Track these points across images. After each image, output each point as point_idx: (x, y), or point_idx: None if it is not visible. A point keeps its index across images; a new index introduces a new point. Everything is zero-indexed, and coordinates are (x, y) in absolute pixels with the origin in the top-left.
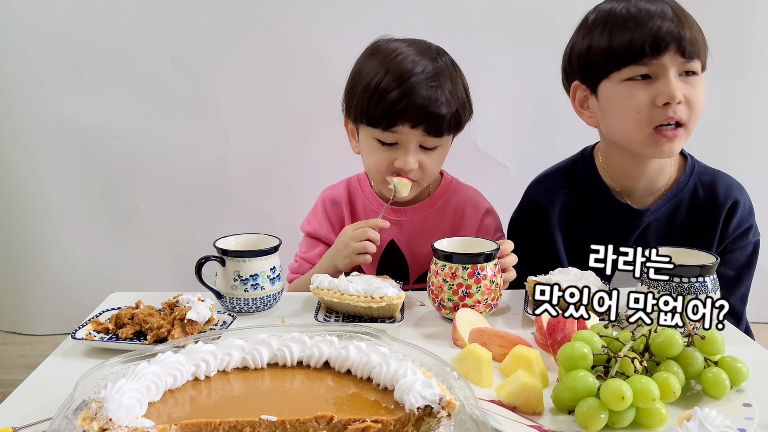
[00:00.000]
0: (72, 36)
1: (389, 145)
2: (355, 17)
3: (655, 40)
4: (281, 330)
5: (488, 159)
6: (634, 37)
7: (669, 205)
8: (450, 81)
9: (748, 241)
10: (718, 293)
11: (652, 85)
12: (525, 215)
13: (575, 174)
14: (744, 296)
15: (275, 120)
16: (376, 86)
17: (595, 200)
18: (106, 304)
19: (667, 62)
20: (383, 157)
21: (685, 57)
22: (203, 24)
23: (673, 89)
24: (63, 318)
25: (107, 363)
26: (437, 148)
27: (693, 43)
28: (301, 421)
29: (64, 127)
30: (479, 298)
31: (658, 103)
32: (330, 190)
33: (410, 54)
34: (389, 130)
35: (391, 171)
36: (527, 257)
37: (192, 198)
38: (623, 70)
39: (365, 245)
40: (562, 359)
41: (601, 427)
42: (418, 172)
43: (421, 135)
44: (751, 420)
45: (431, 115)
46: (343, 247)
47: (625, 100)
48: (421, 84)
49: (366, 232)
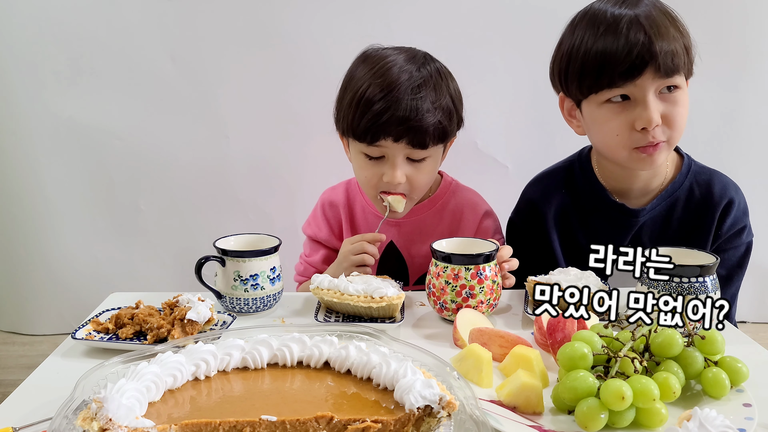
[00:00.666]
0: (72, 36)
1: (376, 159)
2: (356, 18)
3: (630, 67)
4: (281, 330)
5: (488, 159)
6: (607, 58)
7: (664, 204)
8: (434, 91)
9: (741, 241)
10: (718, 293)
11: (630, 108)
12: (522, 216)
13: (572, 175)
14: (734, 296)
15: (275, 120)
16: (361, 97)
17: (591, 200)
18: (106, 304)
19: (644, 83)
20: (372, 173)
21: (664, 74)
22: (203, 24)
23: (650, 114)
24: (63, 318)
25: (107, 363)
26: (425, 160)
27: (672, 56)
28: (301, 421)
29: (64, 127)
30: (482, 299)
31: (637, 128)
32: (329, 193)
33: (399, 61)
34: (374, 144)
35: (381, 187)
36: (525, 258)
37: (192, 198)
38: (600, 93)
39: (363, 258)
40: (562, 359)
41: (601, 427)
42: (407, 185)
43: (405, 148)
44: (751, 420)
45: (414, 128)
46: (344, 260)
47: (604, 123)
48: (404, 96)
49: (363, 246)
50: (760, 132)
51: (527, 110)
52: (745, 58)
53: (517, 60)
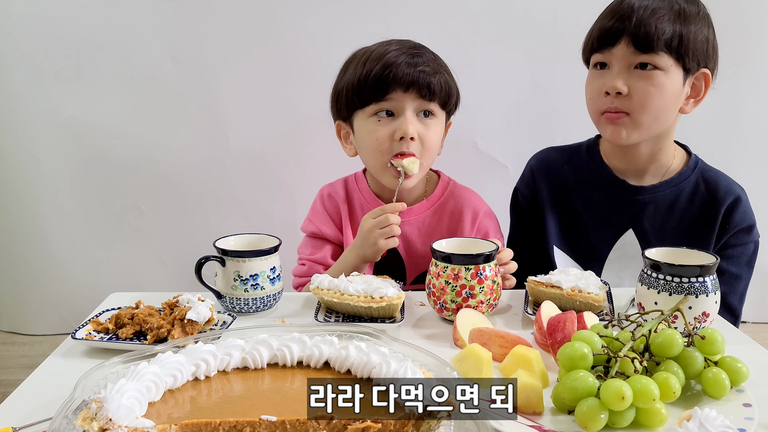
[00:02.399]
0: (72, 36)
1: (386, 118)
2: (355, 17)
3: (607, 34)
4: (281, 330)
5: (488, 159)
6: (598, 30)
7: (669, 193)
8: (431, 53)
9: (750, 239)
10: (718, 293)
11: (606, 75)
12: (525, 184)
13: (578, 155)
14: (742, 295)
15: (275, 120)
16: (360, 74)
17: (593, 176)
18: (106, 304)
19: (618, 53)
20: (384, 133)
21: (637, 49)
22: (203, 24)
23: (614, 82)
24: (63, 318)
25: (107, 363)
26: (433, 119)
27: (653, 35)
28: (301, 421)
29: (65, 127)
30: (482, 299)
31: (601, 92)
32: (327, 187)
33: (387, 45)
34: (384, 99)
35: (394, 149)
36: (526, 229)
37: (192, 198)
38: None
39: (392, 228)
40: (562, 359)
41: (601, 427)
42: (419, 144)
43: (415, 99)
44: (751, 420)
45: (420, 76)
46: (369, 235)
47: (587, 86)
48: (402, 54)
49: (388, 218)
50: (760, 132)
51: (527, 110)
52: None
53: (517, 60)
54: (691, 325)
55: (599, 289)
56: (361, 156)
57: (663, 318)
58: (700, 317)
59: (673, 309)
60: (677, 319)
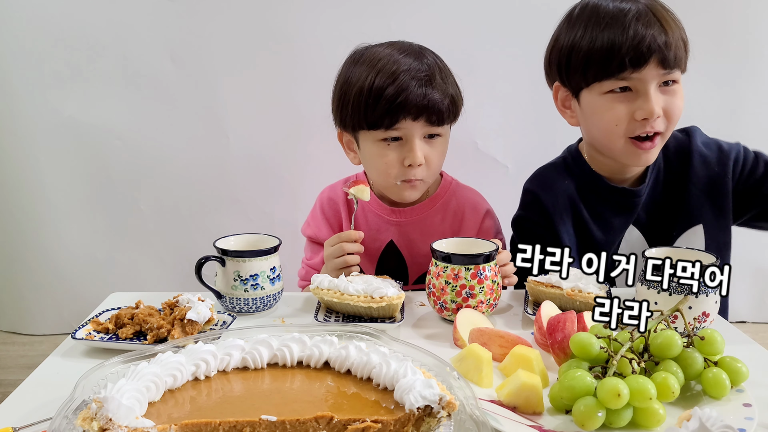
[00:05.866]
0: (72, 36)
1: (394, 142)
2: (355, 18)
3: (636, 54)
4: (281, 330)
5: (488, 159)
6: (615, 47)
7: (653, 176)
8: (439, 72)
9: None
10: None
11: (632, 99)
12: (530, 209)
13: (569, 168)
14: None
15: (276, 120)
16: (370, 88)
17: (594, 189)
18: (106, 304)
19: (647, 76)
20: (392, 158)
21: (666, 68)
22: (203, 24)
23: (652, 106)
24: (63, 318)
25: (107, 363)
26: (438, 139)
27: (675, 50)
28: (301, 421)
29: (64, 127)
30: (482, 299)
31: (637, 118)
32: (328, 191)
33: (393, 54)
34: (393, 127)
35: (401, 175)
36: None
37: (192, 198)
38: (604, 82)
39: (345, 260)
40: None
41: (598, 425)
42: (425, 168)
43: (423, 126)
44: (751, 420)
45: (430, 105)
46: (327, 263)
47: (605, 112)
48: (413, 78)
49: (342, 248)
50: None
51: (527, 110)
52: (745, 58)
53: (516, 60)
54: (691, 325)
55: (599, 289)
56: (366, 171)
57: (663, 318)
58: (700, 317)
59: (673, 309)
60: (677, 320)
